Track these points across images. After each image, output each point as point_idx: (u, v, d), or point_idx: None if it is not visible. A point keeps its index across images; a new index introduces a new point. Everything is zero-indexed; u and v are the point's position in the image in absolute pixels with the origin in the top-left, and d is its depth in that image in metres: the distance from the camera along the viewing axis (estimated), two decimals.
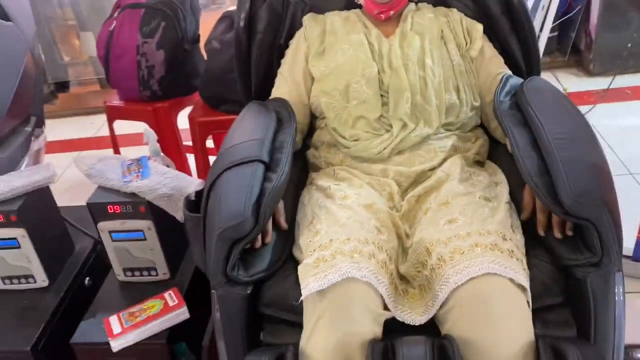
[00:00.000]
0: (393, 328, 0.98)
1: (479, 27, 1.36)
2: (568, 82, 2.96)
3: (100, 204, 1.32)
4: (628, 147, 2.33)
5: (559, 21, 3.05)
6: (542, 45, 3.03)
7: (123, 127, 2.37)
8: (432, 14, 1.38)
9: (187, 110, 2.16)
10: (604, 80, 2.80)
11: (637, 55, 2.85)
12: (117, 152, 2.34)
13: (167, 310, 1.27)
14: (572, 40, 3.06)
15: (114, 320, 1.28)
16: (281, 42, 1.46)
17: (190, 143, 2.14)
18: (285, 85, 1.38)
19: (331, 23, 1.39)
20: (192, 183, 1.37)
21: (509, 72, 1.32)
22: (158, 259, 1.37)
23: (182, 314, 1.28)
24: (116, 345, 1.23)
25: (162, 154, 1.50)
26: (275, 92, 1.40)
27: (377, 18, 1.36)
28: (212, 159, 1.73)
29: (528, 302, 0.95)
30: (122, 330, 1.24)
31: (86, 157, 1.47)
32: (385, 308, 0.98)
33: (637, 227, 1.70)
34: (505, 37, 1.36)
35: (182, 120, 2.19)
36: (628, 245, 1.74)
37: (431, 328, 0.98)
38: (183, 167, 2.25)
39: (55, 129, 3.09)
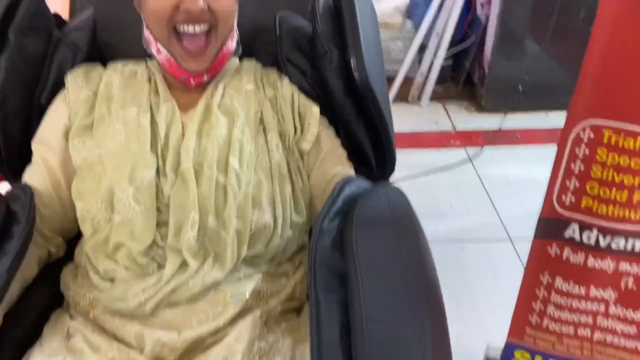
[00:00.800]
0: None
1: (315, 109, 1.00)
2: (458, 116, 2.75)
3: None
4: (511, 204, 2.12)
5: (454, 50, 2.82)
6: (434, 73, 2.80)
7: None
8: (252, 85, 1.00)
9: None
10: (495, 118, 2.61)
11: (530, 92, 2.68)
12: None
13: None
14: (466, 71, 2.85)
15: None
16: (42, 102, 1.03)
17: None
18: (38, 169, 0.96)
19: (107, 83, 0.98)
20: None
21: (349, 173, 0.98)
22: None
23: None
24: None
25: None
26: (27, 175, 0.98)
27: (186, 85, 0.98)
28: None
29: None
30: None
31: None
32: None
33: (511, 318, 1.46)
34: (351, 122, 1.02)
35: None
36: (497, 345, 1.50)
37: None
38: None
39: None
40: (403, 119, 2.74)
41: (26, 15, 0.99)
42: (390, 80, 2.92)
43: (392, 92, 2.87)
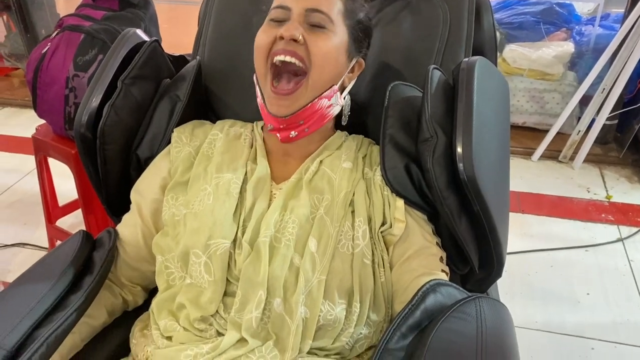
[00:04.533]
0: None
1: (399, 203, 0.89)
2: (616, 186, 2.40)
3: None
4: None
5: (623, 109, 2.49)
6: (594, 132, 2.48)
7: None
8: (350, 163, 0.92)
9: None
10: None
11: None
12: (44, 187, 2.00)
13: None
14: (633, 134, 2.49)
15: None
16: (138, 152, 1.03)
17: None
18: (133, 217, 0.98)
19: (210, 142, 0.97)
20: None
21: (439, 277, 0.84)
22: None
23: None
24: None
25: None
26: (123, 221, 0.99)
27: (272, 133, 0.93)
28: None
29: None
30: None
31: None
32: None
33: None
34: (451, 219, 0.86)
35: None
36: None
37: None
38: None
39: None
40: (549, 180, 2.47)
41: (138, 65, 1.01)
42: (541, 133, 2.66)
43: (541, 148, 2.61)
